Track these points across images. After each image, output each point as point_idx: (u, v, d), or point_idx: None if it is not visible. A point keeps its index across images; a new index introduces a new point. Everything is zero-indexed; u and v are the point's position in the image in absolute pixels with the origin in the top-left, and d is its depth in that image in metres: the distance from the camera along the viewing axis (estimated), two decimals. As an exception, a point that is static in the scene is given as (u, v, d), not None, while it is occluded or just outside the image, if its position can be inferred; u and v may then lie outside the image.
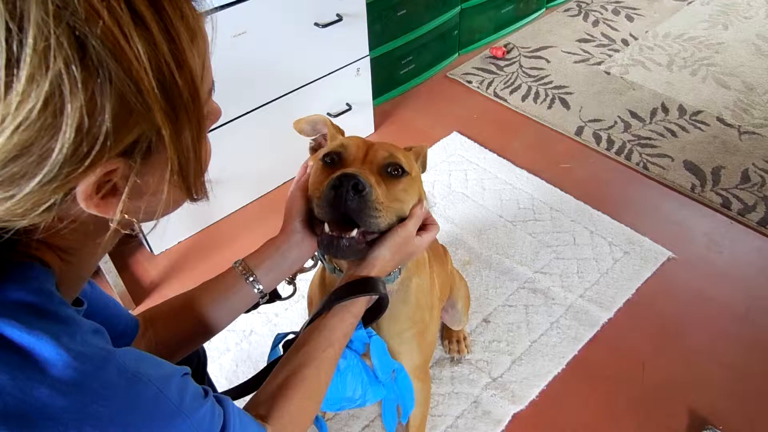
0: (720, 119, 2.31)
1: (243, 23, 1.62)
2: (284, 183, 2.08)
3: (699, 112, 2.35)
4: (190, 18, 0.44)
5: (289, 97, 1.89)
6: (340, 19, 1.84)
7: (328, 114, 2.04)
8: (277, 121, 1.89)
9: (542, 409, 1.43)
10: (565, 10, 3.06)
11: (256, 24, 1.65)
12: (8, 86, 0.36)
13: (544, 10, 3.06)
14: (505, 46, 2.77)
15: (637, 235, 1.84)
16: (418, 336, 1.02)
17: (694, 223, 1.90)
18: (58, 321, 0.47)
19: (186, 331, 0.82)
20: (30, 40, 0.35)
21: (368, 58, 2.06)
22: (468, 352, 1.53)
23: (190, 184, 0.50)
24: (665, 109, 2.37)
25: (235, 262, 0.84)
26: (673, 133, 2.25)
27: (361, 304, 0.79)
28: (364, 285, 0.78)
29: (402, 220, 0.83)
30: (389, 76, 2.42)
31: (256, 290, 0.83)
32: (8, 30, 0.35)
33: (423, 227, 0.88)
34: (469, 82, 2.56)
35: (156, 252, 1.85)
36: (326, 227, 0.79)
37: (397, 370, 0.97)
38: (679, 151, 2.17)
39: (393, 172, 0.83)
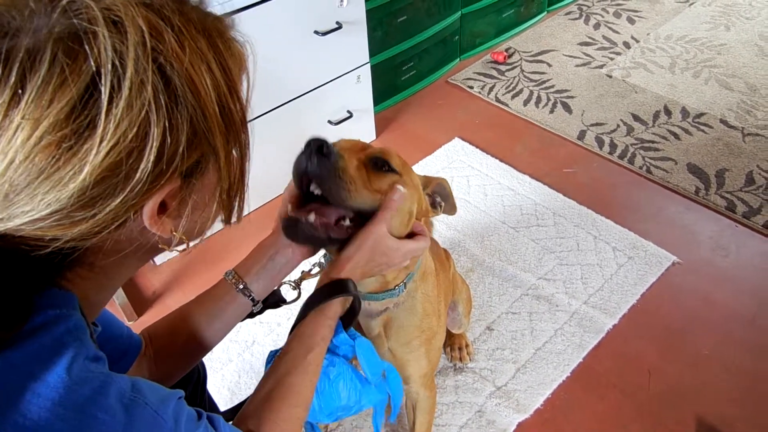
0: (723, 121, 2.29)
1: (242, 32, 1.62)
2: (286, 191, 2.08)
3: (702, 114, 2.34)
4: (237, 54, 0.55)
5: (290, 106, 1.88)
6: (340, 26, 1.84)
7: (329, 122, 2.04)
8: (278, 129, 1.88)
9: (547, 417, 1.42)
10: (566, 14, 3.06)
11: (255, 33, 1.63)
12: (108, 113, 0.41)
13: (545, 13, 3.06)
14: (506, 50, 2.76)
15: (641, 240, 1.83)
16: (425, 344, 1.02)
17: (698, 226, 1.89)
18: (68, 346, 0.49)
19: (183, 345, 0.82)
20: (129, 73, 0.42)
21: (369, 65, 2.05)
22: (470, 361, 1.52)
23: (233, 204, 0.57)
24: (668, 112, 2.36)
25: (227, 273, 0.84)
26: (677, 136, 2.24)
27: (335, 305, 0.79)
28: (334, 288, 0.77)
29: None
30: (390, 83, 2.42)
31: (248, 298, 0.83)
32: (113, 66, 0.42)
33: (412, 237, 0.86)
34: (471, 87, 2.56)
35: (158, 262, 1.85)
36: (288, 208, 0.78)
37: (387, 369, 0.96)
38: (682, 154, 2.16)
39: (381, 166, 0.83)
